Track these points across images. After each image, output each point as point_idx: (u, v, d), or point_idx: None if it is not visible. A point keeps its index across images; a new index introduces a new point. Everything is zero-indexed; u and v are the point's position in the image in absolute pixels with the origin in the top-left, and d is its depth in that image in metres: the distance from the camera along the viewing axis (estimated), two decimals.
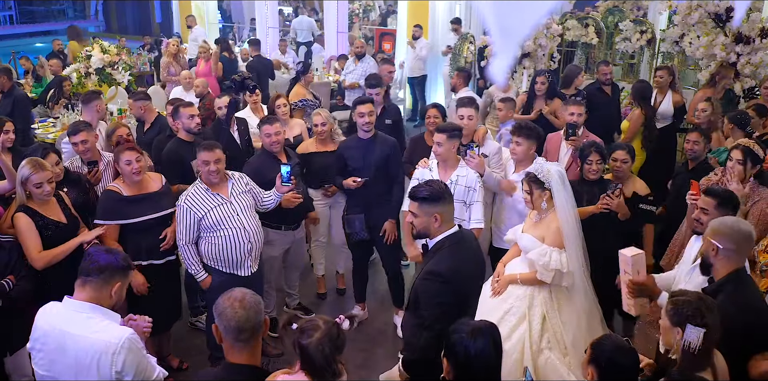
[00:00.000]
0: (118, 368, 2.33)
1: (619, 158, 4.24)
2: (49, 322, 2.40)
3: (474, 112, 4.59)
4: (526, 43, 7.65)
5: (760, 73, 6.40)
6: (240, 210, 3.87)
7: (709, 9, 6.47)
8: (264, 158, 4.48)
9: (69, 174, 4.08)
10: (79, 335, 2.34)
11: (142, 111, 5.41)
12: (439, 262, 2.78)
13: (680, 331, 2.32)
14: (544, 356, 3.46)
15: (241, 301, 2.21)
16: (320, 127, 4.86)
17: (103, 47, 7.66)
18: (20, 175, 3.48)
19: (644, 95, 5.90)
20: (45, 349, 2.40)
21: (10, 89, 6.53)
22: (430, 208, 2.76)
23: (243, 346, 2.23)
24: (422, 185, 2.83)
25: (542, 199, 3.63)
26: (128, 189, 3.82)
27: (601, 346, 2.40)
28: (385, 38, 11.69)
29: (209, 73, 8.72)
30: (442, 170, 4.25)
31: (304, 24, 14.45)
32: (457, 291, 2.73)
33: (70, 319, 2.37)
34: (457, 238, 2.83)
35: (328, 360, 2.24)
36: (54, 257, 3.50)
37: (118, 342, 2.32)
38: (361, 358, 4.34)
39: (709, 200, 3.20)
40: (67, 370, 2.36)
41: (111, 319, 2.42)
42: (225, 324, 2.20)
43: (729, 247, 2.68)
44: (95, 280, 2.40)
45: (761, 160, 3.91)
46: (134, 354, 2.36)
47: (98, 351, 2.32)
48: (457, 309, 2.72)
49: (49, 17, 19.20)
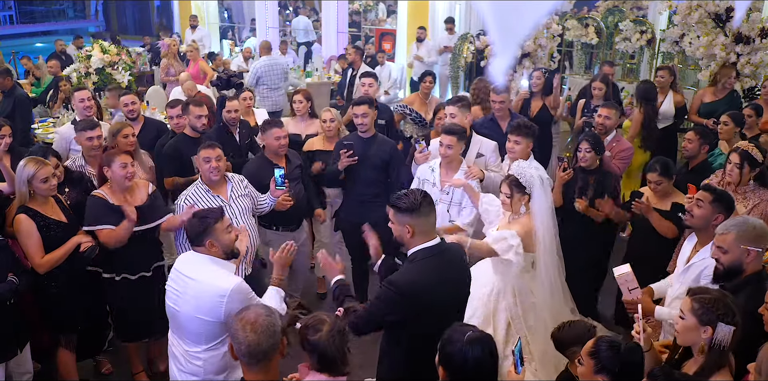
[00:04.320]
0: (228, 311, 2.72)
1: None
2: (179, 267, 2.94)
3: (457, 110, 4.62)
4: (526, 43, 7.65)
5: (760, 73, 6.40)
6: (238, 213, 3.88)
7: (709, 9, 6.47)
8: (261, 162, 4.46)
9: (70, 173, 4.06)
10: (198, 280, 2.83)
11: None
12: (402, 274, 2.74)
13: (708, 330, 2.31)
14: (509, 361, 3.45)
15: (253, 323, 2.14)
16: (329, 123, 4.90)
17: (103, 47, 7.66)
18: (25, 173, 3.46)
19: (648, 96, 5.88)
20: (174, 285, 2.93)
21: (11, 89, 6.52)
22: (402, 218, 2.70)
23: (256, 367, 2.18)
24: (402, 194, 2.77)
25: (521, 203, 3.66)
26: (114, 197, 3.69)
27: (603, 351, 2.35)
28: (385, 38, 11.68)
29: (198, 74, 8.69)
30: (444, 171, 4.26)
31: (301, 24, 14.47)
32: (408, 306, 2.64)
33: (194, 266, 2.89)
34: (434, 251, 2.72)
35: (340, 350, 2.28)
36: (56, 261, 3.52)
37: (229, 287, 2.75)
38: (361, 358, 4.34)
39: (705, 194, 3.24)
40: (187, 306, 2.85)
41: (226, 268, 2.90)
42: (237, 347, 2.16)
43: (763, 247, 2.72)
44: (199, 247, 2.91)
45: (759, 163, 3.91)
46: (241, 300, 2.75)
47: (212, 294, 2.77)
48: (406, 322, 2.66)
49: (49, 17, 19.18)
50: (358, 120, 4.55)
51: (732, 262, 2.78)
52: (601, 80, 6.18)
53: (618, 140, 5.02)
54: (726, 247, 2.77)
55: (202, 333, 2.86)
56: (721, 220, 3.18)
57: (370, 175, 4.54)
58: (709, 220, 3.22)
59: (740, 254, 2.75)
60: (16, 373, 3.59)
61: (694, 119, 6.12)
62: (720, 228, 2.85)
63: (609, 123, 4.97)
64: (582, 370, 2.42)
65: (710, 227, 3.21)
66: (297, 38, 14.26)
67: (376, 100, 5.90)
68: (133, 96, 5.34)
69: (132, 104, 5.25)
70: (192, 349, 2.92)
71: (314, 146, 4.96)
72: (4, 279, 3.30)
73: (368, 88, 5.87)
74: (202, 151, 3.80)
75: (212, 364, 2.89)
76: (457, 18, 10.51)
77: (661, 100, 6.24)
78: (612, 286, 4.66)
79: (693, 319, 2.35)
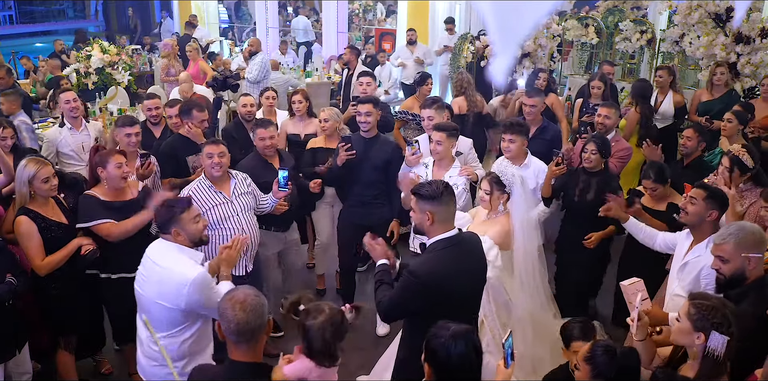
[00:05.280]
0: (188, 300, 2.80)
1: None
2: (149, 252, 3.01)
3: (434, 112, 4.72)
4: (526, 43, 7.65)
5: (760, 73, 6.40)
6: (240, 211, 3.88)
7: (709, 9, 6.47)
8: (256, 161, 4.45)
9: (65, 178, 4.00)
10: (162, 266, 2.89)
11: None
12: (423, 264, 2.80)
13: (701, 336, 2.30)
14: (484, 360, 3.44)
15: (242, 302, 2.20)
16: (323, 123, 4.92)
17: (103, 47, 7.66)
18: (26, 174, 3.45)
19: (644, 94, 5.89)
20: (142, 269, 3.00)
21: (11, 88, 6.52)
22: (424, 205, 2.78)
23: (245, 345, 2.24)
24: (425, 183, 2.87)
25: (500, 201, 3.65)
26: (106, 197, 3.67)
27: (599, 357, 2.34)
28: (385, 38, 11.69)
29: (198, 74, 8.70)
30: (437, 169, 4.27)
31: (301, 24, 14.48)
32: (430, 296, 2.70)
33: (161, 253, 2.95)
34: (453, 242, 2.80)
35: (327, 344, 2.35)
36: (57, 264, 3.51)
37: (191, 276, 2.79)
38: (361, 358, 4.34)
39: (699, 191, 3.26)
40: (150, 290, 2.92)
41: (192, 257, 2.94)
42: (225, 325, 2.21)
43: (762, 252, 2.70)
44: (166, 235, 2.97)
45: (750, 169, 3.96)
46: (202, 290, 2.81)
47: (175, 282, 2.81)
48: (429, 312, 2.70)
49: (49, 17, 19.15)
50: (361, 118, 4.54)
51: (734, 271, 2.75)
52: (599, 79, 6.18)
53: (617, 140, 5.03)
54: (726, 257, 2.75)
55: (163, 319, 2.91)
56: (715, 217, 3.22)
57: (370, 175, 4.54)
58: (703, 216, 3.24)
59: (741, 263, 2.72)
60: (15, 374, 3.58)
61: (695, 119, 6.13)
62: (717, 238, 2.81)
63: (609, 122, 4.97)
64: (579, 376, 2.44)
65: (705, 224, 3.25)
66: (296, 38, 14.27)
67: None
68: (156, 100, 5.28)
69: (156, 109, 5.20)
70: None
71: (317, 144, 5.00)
72: (3, 280, 3.29)
73: (366, 87, 5.86)
74: (206, 146, 3.82)
75: (171, 350, 2.94)
76: (457, 18, 10.49)
77: (661, 100, 6.24)
78: (611, 286, 4.68)
79: (688, 323, 2.35)
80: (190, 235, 2.96)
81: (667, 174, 4.09)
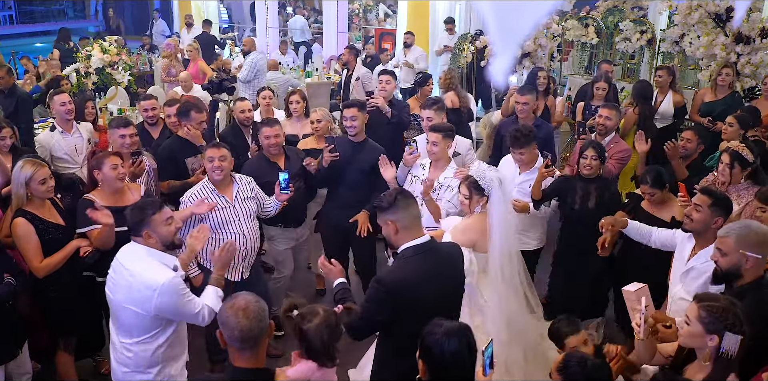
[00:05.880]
0: (158, 305, 2.75)
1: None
2: (119, 256, 2.94)
3: (434, 113, 4.72)
4: (526, 43, 7.65)
5: (760, 73, 6.39)
6: (242, 216, 3.87)
7: (709, 9, 6.47)
8: (261, 161, 4.45)
9: (61, 179, 3.99)
10: (131, 270, 2.82)
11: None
12: (391, 272, 2.77)
13: (715, 338, 2.29)
14: None
15: (244, 309, 2.18)
16: (316, 123, 4.91)
17: (103, 47, 7.65)
18: (22, 175, 3.43)
19: (644, 95, 5.86)
20: (113, 273, 2.93)
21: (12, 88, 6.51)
22: (384, 216, 2.76)
23: (249, 352, 2.23)
24: (380, 195, 2.82)
25: (478, 204, 3.65)
26: (104, 200, 3.63)
27: (571, 367, 2.33)
28: (385, 38, 11.69)
29: (197, 74, 8.68)
30: (434, 169, 4.27)
31: (298, 24, 14.47)
32: (396, 303, 2.64)
33: (131, 257, 2.88)
34: (423, 249, 2.74)
35: (326, 346, 2.38)
36: (55, 265, 3.50)
37: (160, 281, 2.73)
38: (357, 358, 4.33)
39: (704, 198, 3.20)
40: (120, 294, 2.86)
41: (164, 261, 2.87)
42: (228, 333, 2.19)
43: (763, 255, 2.69)
44: (137, 238, 2.90)
45: (750, 163, 3.92)
46: (172, 295, 2.75)
47: (144, 286, 2.76)
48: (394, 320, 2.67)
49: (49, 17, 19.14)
50: (347, 123, 4.46)
51: (729, 265, 2.74)
52: (604, 80, 6.17)
53: (617, 141, 5.01)
54: (725, 250, 2.74)
55: (133, 325, 2.87)
56: (720, 224, 3.14)
57: (356, 179, 4.45)
58: (708, 224, 3.19)
59: (738, 259, 2.71)
60: (15, 374, 3.58)
61: (696, 119, 6.12)
62: (722, 230, 2.82)
63: (610, 124, 4.95)
64: None
65: (710, 230, 3.19)
66: (293, 38, 14.26)
67: (393, 97, 5.94)
68: (153, 101, 5.25)
69: (152, 110, 5.16)
70: (124, 340, 2.93)
71: (308, 145, 4.98)
72: (1, 281, 3.27)
73: (386, 85, 5.83)
74: (208, 150, 3.81)
75: (143, 357, 2.90)
76: (457, 18, 10.49)
77: (661, 100, 6.24)
78: None
79: (699, 326, 2.32)
80: (162, 238, 2.89)
81: (664, 179, 3.92)
